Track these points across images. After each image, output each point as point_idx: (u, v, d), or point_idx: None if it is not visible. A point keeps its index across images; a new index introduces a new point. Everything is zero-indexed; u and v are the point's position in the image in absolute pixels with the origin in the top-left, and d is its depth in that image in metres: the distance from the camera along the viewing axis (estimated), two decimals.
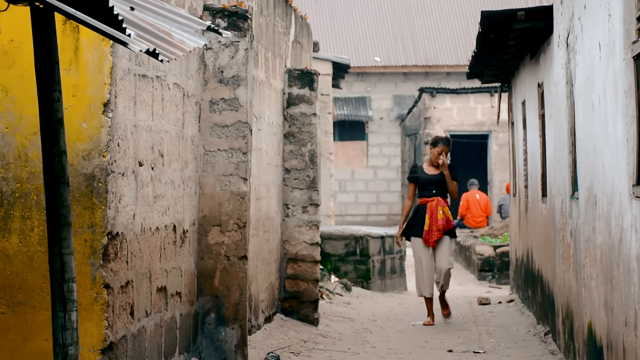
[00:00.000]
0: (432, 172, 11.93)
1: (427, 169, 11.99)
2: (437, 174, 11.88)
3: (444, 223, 11.70)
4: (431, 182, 11.84)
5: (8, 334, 6.01)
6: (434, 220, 11.68)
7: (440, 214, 11.70)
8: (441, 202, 11.76)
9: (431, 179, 11.86)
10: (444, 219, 11.71)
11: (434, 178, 11.86)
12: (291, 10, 12.13)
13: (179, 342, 7.63)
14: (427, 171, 11.95)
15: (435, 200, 11.75)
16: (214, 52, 8.30)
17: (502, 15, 10.52)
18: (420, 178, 11.87)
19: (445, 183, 11.85)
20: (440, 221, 11.69)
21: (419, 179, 11.87)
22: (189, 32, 4.68)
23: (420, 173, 11.94)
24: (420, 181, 11.87)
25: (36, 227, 6.01)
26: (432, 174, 11.91)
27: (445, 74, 33.94)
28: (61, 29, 5.86)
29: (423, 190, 11.86)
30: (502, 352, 9.86)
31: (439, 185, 11.83)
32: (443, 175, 11.85)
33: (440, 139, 12.05)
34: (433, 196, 11.77)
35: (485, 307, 13.86)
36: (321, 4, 36.15)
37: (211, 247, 8.26)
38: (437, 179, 11.85)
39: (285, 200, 11.48)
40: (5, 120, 6.02)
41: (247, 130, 8.34)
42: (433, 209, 11.71)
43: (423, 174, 11.92)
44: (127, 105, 6.31)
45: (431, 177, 11.88)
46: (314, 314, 11.41)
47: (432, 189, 11.81)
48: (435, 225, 11.67)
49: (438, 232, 11.68)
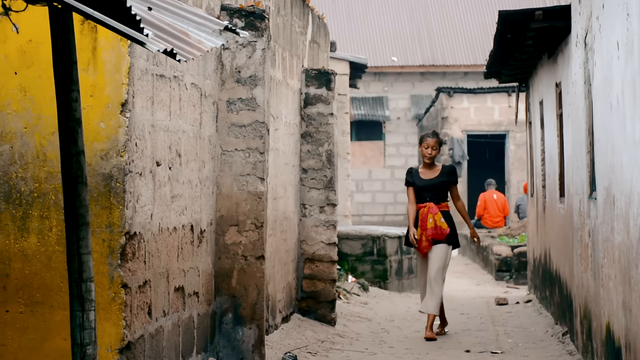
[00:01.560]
0: (428, 177, 11.02)
1: (422, 173, 11.06)
2: (433, 178, 10.98)
3: (433, 232, 10.74)
4: (426, 187, 10.94)
5: (27, 333, 6.03)
6: (423, 229, 10.80)
7: (430, 222, 10.77)
8: (432, 209, 10.81)
9: (426, 184, 10.95)
10: (433, 228, 10.75)
11: (428, 183, 10.95)
12: (308, 10, 12.13)
13: (197, 342, 7.64)
14: (422, 175, 11.05)
15: (427, 206, 10.83)
16: (231, 52, 8.30)
17: (520, 14, 10.50)
18: (416, 183, 11.02)
19: (441, 188, 10.95)
20: (429, 230, 10.76)
21: (415, 184, 11.02)
22: (207, 32, 4.69)
23: (416, 178, 11.06)
24: (416, 186, 11.01)
25: (54, 227, 6.02)
26: (427, 178, 11.00)
27: (463, 74, 33.88)
28: (79, 29, 5.87)
29: (418, 195, 10.98)
30: (519, 353, 9.83)
31: (434, 190, 10.92)
32: (439, 180, 10.96)
33: (426, 134, 11.16)
34: (425, 202, 10.88)
35: (502, 308, 13.83)
36: (338, 3, 36.13)
37: (228, 247, 8.27)
38: (432, 183, 10.94)
39: (302, 200, 11.48)
40: (23, 120, 6.04)
41: (265, 130, 8.35)
42: (423, 217, 10.82)
43: (418, 179, 11.03)
44: (145, 105, 6.32)
45: (426, 181, 10.97)
46: (331, 314, 11.40)
47: (426, 194, 10.91)
48: (424, 234, 10.79)
49: (427, 242, 10.78)
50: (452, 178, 11.02)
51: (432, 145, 10.97)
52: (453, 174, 11.08)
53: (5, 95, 6.04)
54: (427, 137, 11.02)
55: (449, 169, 11.14)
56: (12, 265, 6.04)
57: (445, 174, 11.01)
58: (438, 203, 10.85)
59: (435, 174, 11.00)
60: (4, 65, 6.03)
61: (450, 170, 11.13)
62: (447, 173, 11.03)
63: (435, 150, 10.97)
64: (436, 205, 10.80)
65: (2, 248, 6.04)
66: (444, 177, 10.97)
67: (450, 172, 11.08)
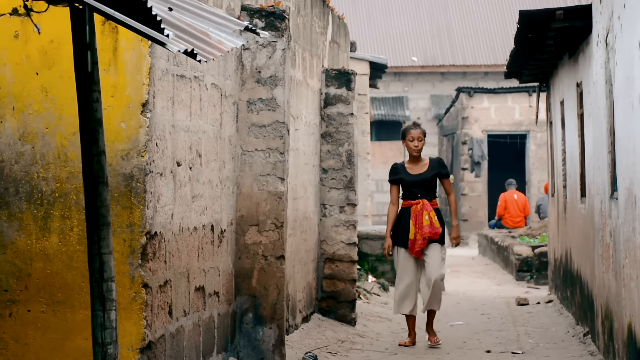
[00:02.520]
0: (416, 171, 10.23)
1: (410, 168, 10.27)
2: (422, 173, 10.20)
3: (430, 230, 10.00)
4: (415, 182, 10.16)
5: (48, 332, 6.05)
6: (419, 227, 10.00)
7: (426, 219, 10.00)
8: (427, 206, 10.05)
9: (415, 180, 10.17)
10: (429, 226, 10.00)
11: (418, 178, 10.17)
12: (328, 10, 12.14)
13: (217, 342, 7.65)
14: (410, 170, 10.25)
15: (421, 203, 10.06)
16: (251, 52, 8.31)
17: (541, 14, 10.47)
18: (403, 179, 10.21)
19: (432, 183, 10.18)
20: (425, 228, 9.99)
21: (402, 180, 10.21)
22: (227, 32, 4.69)
23: (403, 173, 10.25)
24: (404, 182, 10.20)
25: (75, 227, 6.04)
26: (416, 173, 10.22)
27: (483, 74, 33.81)
28: (100, 29, 5.89)
29: (407, 192, 10.20)
30: (540, 353, 9.81)
31: (425, 186, 10.15)
32: (429, 174, 10.17)
33: (408, 126, 10.44)
34: (418, 199, 10.10)
35: (523, 308, 13.79)
36: (358, 3, 36.12)
37: (249, 247, 8.28)
38: (422, 178, 10.16)
39: (322, 200, 11.48)
40: (45, 120, 6.07)
41: (285, 130, 8.35)
42: (417, 214, 10.03)
43: (406, 175, 10.22)
44: (165, 106, 6.34)
45: (415, 177, 10.18)
46: (351, 314, 11.40)
47: (417, 190, 10.13)
48: (420, 233, 10.00)
49: (423, 241, 10.01)
50: (443, 171, 10.29)
51: (417, 137, 10.26)
52: (443, 166, 10.37)
53: (27, 95, 6.07)
54: (411, 130, 10.33)
55: (438, 161, 10.42)
56: (34, 264, 6.06)
57: (435, 168, 10.26)
58: (430, 200, 10.13)
59: (423, 168, 10.24)
60: (25, 65, 6.06)
61: (440, 162, 10.40)
62: (436, 166, 10.28)
63: (422, 141, 10.28)
64: (429, 202, 10.10)
65: (24, 248, 6.07)
66: (434, 171, 10.23)
67: (440, 165, 10.33)
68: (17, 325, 6.06)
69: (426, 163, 10.29)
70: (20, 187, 6.09)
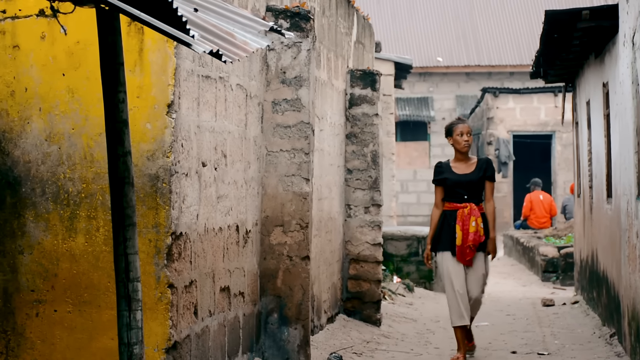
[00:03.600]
0: (463, 171, 9.26)
1: (456, 167, 9.29)
2: (470, 173, 9.23)
3: (474, 238, 9.10)
4: (462, 183, 9.18)
5: (74, 332, 6.08)
6: (465, 232, 9.10)
7: (473, 225, 9.09)
8: (474, 211, 9.12)
9: (462, 180, 9.20)
10: (475, 233, 9.09)
11: (465, 178, 9.20)
12: (353, 11, 12.13)
13: (242, 342, 7.66)
14: (456, 170, 9.27)
15: (468, 207, 9.13)
16: (276, 52, 8.32)
17: (567, 14, 10.43)
18: (449, 179, 9.22)
19: (478, 185, 9.22)
20: (471, 235, 9.09)
21: (447, 180, 9.23)
22: (252, 33, 4.70)
23: (448, 172, 9.27)
24: (449, 182, 9.21)
25: (101, 227, 6.07)
26: (463, 172, 9.24)
27: (509, 74, 33.71)
28: (126, 30, 5.91)
29: (451, 193, 9.22)
30: (566, 354, 9.77)
31: (472, 188, 9.19)
32: (477, 175, 9.21)
33: (454, 122, 9.40)
34: (465, 202, 9.16)
35: (549, 309, 13.74)
36: (383, 4, 36.09)
37: (274, 248, 8.29)
38: (470, 179, 9.20)
39: (347, 200, 11.48)
40: (71, 121, 6.10)
41: (310, 131, 8.36)
42: (465, 219, 9.11)
43: (451, 174, 9.25)
44: (191, 106, 6.35)
45: (462, 177, 9.21)
46: (376, 315, 11.39)
47: (464, 192, 9.17)
48: (467, 239, 9.10)
49: (472, 250, 9.13)
50: (489, 173, 9.25)
51: (466, 131, 9.23)
52: (491, 168, 9.31)
53: (54, 96, 6.10)
54: (459, 124, 9.29)
55: (486, 162, 9.37)
56: (60, 265, 6.09)
57: (483, 169, 9.26)
58: (477, 204, 9.20)
59: (471, 167, 9.27)
60: (52, 66, 6.09)
61: (488, 163, 9.35)
62: (484, 167, 9.28)
63: (470, 137, 9.28)
64: (476, 207, 9.18)
65: (51, 248, 6.10)
66: (481, 172, 9.25)
67: (488, 166, 9.29)
68: (44, 325, 6.09)
69: (474, 162, 9.33)
70: (47, 187, 6.12)
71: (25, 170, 6.13)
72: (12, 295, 6.12)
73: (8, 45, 6.12)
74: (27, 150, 6.13)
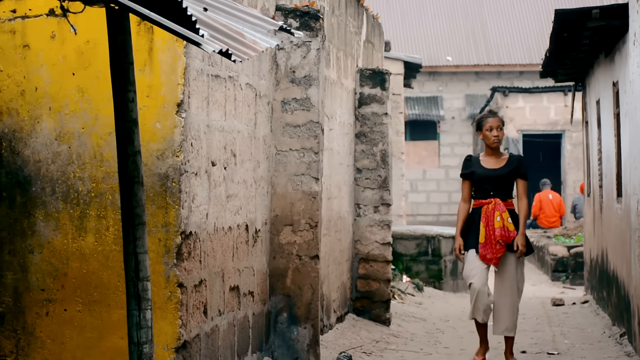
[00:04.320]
0: (491, 166, 8.83)
1: (485, 161, 8.87)
2: (499, 168, 8.81)
3: (501, 233, 8.65)
4: (489, 178, 8.77)
5: (84, 331, 6.09)
6: (490, 229, 8.66)
7: (498, 220, 8.65)
8: (500, 206, 8.69)
9: (489, 175, 8.79)
10: (501, 229, 8.65)
11: (492, 173, 8.79)
12: (363, 10, 12.13)
13: (252, 341, 7.66)
14: (484, 164, 8.85)
15: (492, 202, 8.70)
16: (286, 52, 8.32)
17: (577, 13, 10.41)
18: (476, 173, 8.83)
19: (507, 181, 8.81)
20: (497, 231, 8.64)
21: (474, 174, 8.84)
22: (262, 32, 4.70)
23: (476, 166, 8.87)
24: (476, 177, 8.82)
25: (111, 227, 6.07)
26: (491, 167, 8.83)
27: (518, 73, 33.66)
28: (136, 30, 5.92)
29: (478, 188, 8.83)
30: (576, 354, 9.75)
31: (500, 183, 8.77)
32: (506, 170, 8.81)
33: (484, 115, 8.98)
34: (490, 197, 8.74)
35: (559, 308, 13.72)
36: (393, 3, 36.07)
37: (283, 247, 8.29)
38: (498, 174, 8.78)
39: (356, 200, 11.47)
40: (81, 120, 6.11)
41: (319, 130, 8.36)
42: (489, 215, 8.68)
43: (479, 168, 8.85)
44: (200, 106, 6.36)
45: (489, 171, 8.81)
46: (385, 314, 11.39)
47: (490, 187, 8.75)
48: (492, 237, 8.65)
49: (500, 247, 8.65)
50: (522, 170, 8.85)
51: (497, 126, 8.80)
52: (523, 165, 8.89)
53: (63, 96, 6.11)
54: (489, 118, 8.87)
55: (518, 158, 8.96)
56: (70, 264, 6.10)
57: (514, 166, 8.84)
58: (504, 200, 8.77)
59: (501, 163, 8.85)
60: (62, 66, 6.10)
61: (520, 160, 8.93)
62: (515, 163, 8.86)
63: (501, 131, 8.83)
64: (502, 202, 8.75)
65: (61, 247, 6.11)
66: (511, 167, 8.83)
67: (520, 163, 8.88)
68: (54, 324, 6.11)
69: (505, 158, 8.90)
70: (57, 187, 6.13)
71: (36, 169, 6.14)
72: (22, 294, 6.13)
73: (18, 44, 6.13)
74: (37, 150, 6.14)
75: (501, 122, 8.84)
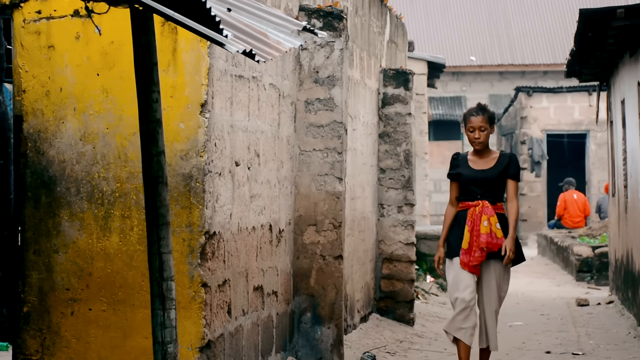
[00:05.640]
0: (480, 166, 7.84)
1: (473, 161, 7.88)
2: (487, 169, 7.82)
3: (487, 240, 7.61)
4: (476, 180, 7.80)
5: (109, 331, 6.11)
6: (475, 234, 7.65)
7: (484, 225, 7.64)
8: (487, 209, 7.67)
9: (477, 176, 7.81)
10: (488, 235, 7.62)
11: (480, 175, 7.81)
12: (386, 10, 12.12)
13: (276, 341, 7.67)
14: (472, 164, 7.87)
15: (480, 205, 7.70)
16: (309, 52, 8.33)
17: (601, 13, 10.37)
18: (462, 174, 7.86)
19: (496, 182, 7.81)
20: (483, 237, 7.60)
21: (461, 176, 7.86)
22: (285, 32, 4.70)
23: (463, 167, 7.89)
24: (462, 178, 7.84)
25: (135, 226, 6.09)
26: (479, 168, 7.84)
27: (542, 73, 33.56)
28: (160, 30, 5.94)
29: (465, 190, 7.84)
30: (601, 354, 9.71)
31: (488, 185, 7.79)
32: (495, 172, 7.81)
33: (468, 112, 8.00)
34: (477, 200, 7.74)
35: (583, 309, 13.66)
36: (416, 3, 36.02)
37: (307, 247, 8.29)
38: (486, 175, 7.79)
39: (380, 200, 11.46)
40: (105, 121, 6.13)
41: (342, 130, 8.35)
42: (475, 218, 7.68)
43: (466, 169, 7.87)
44: (224, 106, 6.37)
45: (477, 173, 7.82)
46: (409, 314, 11.37)
47: (476, 189, 7.77)
48: (476, 242, 7.64)
49: (481, 253, 7.62)
50: (511, 170, 7.85)
51: (478, 126, 7.84)
52: (514, 164, 7.90)
53: (88, 96, 6.13)
54: (471, 116, 7.88)
55: (509, 157, 7.93)
56: (95, 264, 6.12)
57: (504, 165, 7.86)
58: (493, 203, 7.76)
59: (489, 163, 7.87)
60: (86, 67, 6.12)
61: (511, 159, 7.92)
62: (506, 163, 7.86)
63: (485, 131, 7.84)
64: (491, 205, 7.75)
65: (85, 247, 6.13)
66: (501, 168, 7.86)
67: (510, 162, 7.88)
68: (79, 323, 6.13)
69: (494, 157, 7.91)
70: (81, 187, 6.15)
71: (60, 169, 6.17)
72: (48, 294, 6.16)
73: (43, 45, 6.16)
74: (61, 150, 6.17)
75: (486, 121, 7.84)
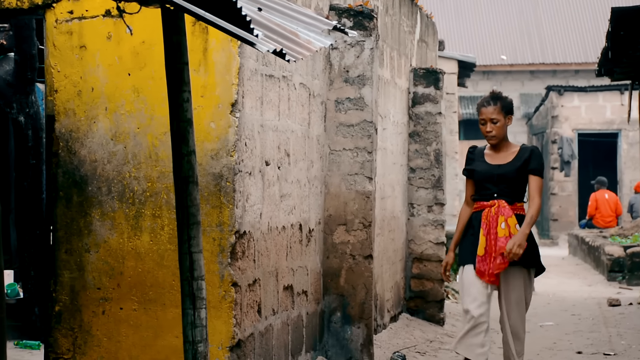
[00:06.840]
0: (496, 161, 6.98)
1: (489, 156, 7.04)
2: (505, 164, 6.94)
3: (506, 244, 6.76)
4: (492, 176, 6.94)
5: (140, 330, 6.13)
6: (492, 238, 6.81)
7: (502, 228, 6.80)
8: (505, 209, 6.82)
9: (492, 172, 6.95)
10: (506, 238, 6.77)
11: (497, 171, 6.94)
12: (416, 9, 12.09)
13: (306, 341, 7.68)
14: (489, 159, 7.02)
15: (495, 205, 6.85)
16: (339, 51, 8.32)
17: (634, 11, 10.31)
18: (477, 170, 7.03)
19: (515, 179, 6.92)
20: (501, 240, 6.76)
21: (475, 172, 7.05)
22: (316, 32, 4.70)
23: (478, 162, 7.07)
24: (477, 174, 7.02)
25: (166, 226, 6.11)
26: (495, 163, 6.98)
27: (574, 72, 33.40)
28: (190, 30, 5.95)
29: (480, 188, 7.01)
30: (633, 355, 9.65)
31: (505, 183, 6.92)
32: (513, 167, 6.92)
33: (481, 102, 7.06)
34: (492, 199, 6.90)
35: (615, 309, 13.58)
36: (447, 2, 35.94)
37: (337, 246, 8.29)
38: (503, 172, 6.92)
39: (410, 199, 11.44)
40: (136, 120, 6.15)
41: (372, 130, 8.35)
42: (491, 221, 6.84)
43: (481, 164, 7.04)
44: (254, 105, 6.38)
45: (493, 168, 6.97)
46: (439, 314, 11.35)
47: (493, 187, 6.92)
48: (494, 247, 6.79)
49: (502, 260, 6.77)
50: (533, 165, 6.94)
51: (490, 118, 6.98)
52: (535, 158, 6.95)
53: (119, 96, 6.16)
54: (482, 107, 7.01)
55: (531, 151, 7.00)
56: (126, 263, 6.15)
57: (524, 159, 6.96)
58: (511, 202, 6.91)
59: (508, 157, 7.00)
60: (117, 66, 6.15)
61: (533, 152, 6.99)
62: (526, 157, 6.96)
63: (498, 123, 6.97)
64: (509, 205, 6.90)
65: (116, 246, 6.16)
66: (519, 163, 6.96)
67: (532, 156, 6.96)
68: (110, 322, 6.16)
69: (514, 151, 7.03)
70: (113, 186, 6.18)
71: (92, 169, 6.20)
72: (79, 293, 6.19)
73: (75, 45, 6.19)
74: (93, 150, 6.19)
75: (500, 112, 6.96)
